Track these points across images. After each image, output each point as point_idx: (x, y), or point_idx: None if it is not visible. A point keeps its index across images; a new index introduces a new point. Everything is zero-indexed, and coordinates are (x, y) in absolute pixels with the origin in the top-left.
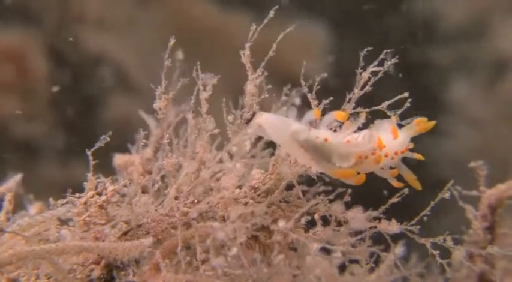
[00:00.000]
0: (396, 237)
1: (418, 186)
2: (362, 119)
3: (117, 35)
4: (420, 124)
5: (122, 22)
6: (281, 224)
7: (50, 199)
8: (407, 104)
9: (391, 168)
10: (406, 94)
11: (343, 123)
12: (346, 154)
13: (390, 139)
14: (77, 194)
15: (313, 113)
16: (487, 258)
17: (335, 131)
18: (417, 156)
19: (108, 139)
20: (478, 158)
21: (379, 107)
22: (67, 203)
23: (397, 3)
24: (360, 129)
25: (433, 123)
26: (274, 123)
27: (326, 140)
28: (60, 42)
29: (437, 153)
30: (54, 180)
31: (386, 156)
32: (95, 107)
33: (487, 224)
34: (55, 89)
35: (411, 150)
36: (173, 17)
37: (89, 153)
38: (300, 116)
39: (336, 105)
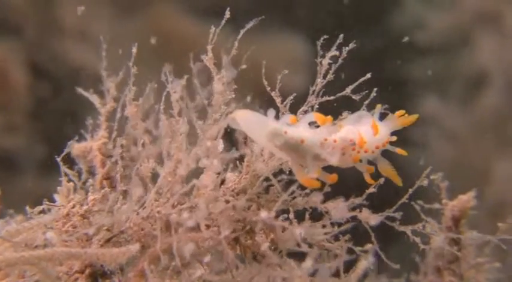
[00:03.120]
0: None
1: (398, 181)
2: (338, 126)
3: (97, 47)
4: (403, 118)
5: (102, 35)
6: (263, 214)
7: (27, 207)
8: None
9: (369, 162)
10: (368, 75)
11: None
12: (320, 155)
13: (371, 133)
14: (57, 203)
15: (289, 118)
16: (455, 271)
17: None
18: (399, 151)
19: (75, 145)
20: (455, 170)
21: (343, 93)
22: (43, 211)
23: (378, 16)
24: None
25: (415, 116)
26: (251, 121)
27: (302, 141)
28: (41, 54)
29: (414, 165)
30: (34, 193)
31: (365, 151)
32: (76, 120)
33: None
34: None
35: (394, 143)
36: (152, 29)
37: (58, 159)
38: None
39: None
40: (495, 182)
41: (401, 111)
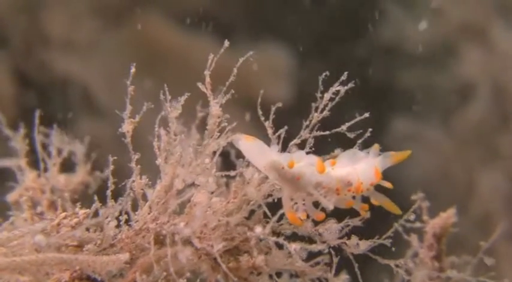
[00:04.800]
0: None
1: (397, 211)
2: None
3: (83, 57)
4: (396, 156)
5: (88, 44)
6: (258, 229)
7: None
8: (368, 133)
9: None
10: (367, 115)
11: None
12: (314, 195)
13: (368, 174)
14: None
15: (289, 158)
16: None
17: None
18: (387, 184)
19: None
20: (440, 183)
21: (338, 129)
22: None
23: (362, 28)
24: None
25: (408, 152)
26: (253, 149)
27: (298, 178)
28: (26, 64)
29: (400, 179)
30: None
31: (361, 191)
32: (61, 130)
33: (433, 253)
34: None
35: None
36: (139, 39)
37: None
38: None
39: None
40: (480, 194)
41: (394, 152)
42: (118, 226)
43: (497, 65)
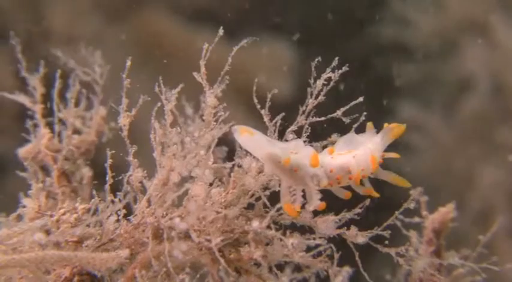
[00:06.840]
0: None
1: (406, 184)
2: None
3: (85, 51)
4: (392, 131)
5: (91, 38)
6: (255, 223)
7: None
8: (363, 117)
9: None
10: (361, 99)
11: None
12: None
13: (368, 161)
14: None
15: (287, 151)
16: None
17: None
18: (394, 155)
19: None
20: (440, 176)
21: (334, 115)
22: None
23: (364, 21)
24: None
25: (403, 126)
26: (250, 141)
27: (295, 170)
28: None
29: (400, 172)
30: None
31: (363, 176)
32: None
33: (433, 248)
34: None
35: None
36: (141, 34)
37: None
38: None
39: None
40: (479, 188)
41: (393, 124)
42: (117, 220)
43: (498, 59)
